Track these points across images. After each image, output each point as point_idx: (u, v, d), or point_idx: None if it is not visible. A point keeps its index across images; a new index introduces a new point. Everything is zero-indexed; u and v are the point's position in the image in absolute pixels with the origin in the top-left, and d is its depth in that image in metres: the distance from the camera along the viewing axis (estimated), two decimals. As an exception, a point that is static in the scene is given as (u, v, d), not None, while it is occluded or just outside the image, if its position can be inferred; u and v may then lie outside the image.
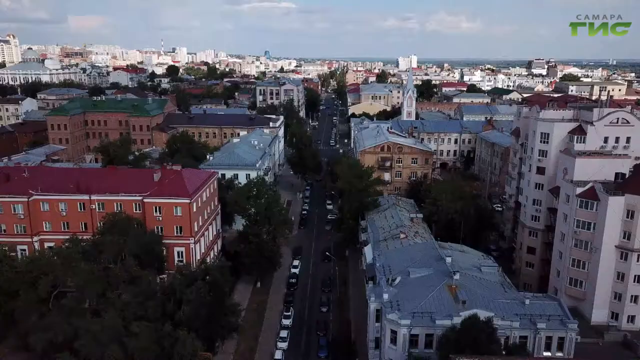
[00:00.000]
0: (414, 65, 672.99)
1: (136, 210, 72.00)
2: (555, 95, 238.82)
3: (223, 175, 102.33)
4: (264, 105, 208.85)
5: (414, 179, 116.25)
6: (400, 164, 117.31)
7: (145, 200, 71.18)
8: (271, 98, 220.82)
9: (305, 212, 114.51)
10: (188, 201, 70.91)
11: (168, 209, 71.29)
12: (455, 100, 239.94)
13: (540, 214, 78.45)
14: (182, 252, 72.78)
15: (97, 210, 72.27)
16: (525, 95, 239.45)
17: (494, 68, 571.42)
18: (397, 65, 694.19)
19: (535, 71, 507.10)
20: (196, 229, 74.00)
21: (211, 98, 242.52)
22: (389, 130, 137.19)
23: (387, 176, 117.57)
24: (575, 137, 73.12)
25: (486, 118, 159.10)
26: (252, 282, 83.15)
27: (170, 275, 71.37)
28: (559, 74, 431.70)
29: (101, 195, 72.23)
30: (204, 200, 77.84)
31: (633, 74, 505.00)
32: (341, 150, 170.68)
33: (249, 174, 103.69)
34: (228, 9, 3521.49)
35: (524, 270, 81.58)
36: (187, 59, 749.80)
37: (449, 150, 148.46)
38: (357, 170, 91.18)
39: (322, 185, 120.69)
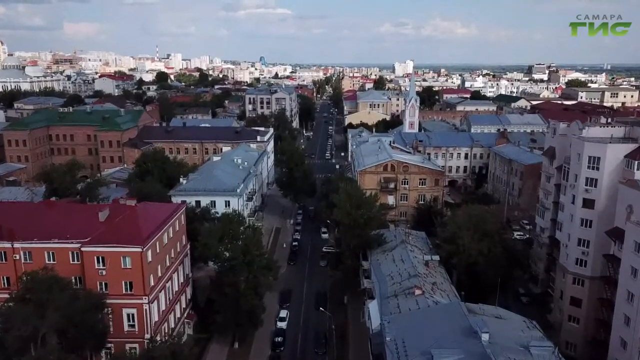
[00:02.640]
0: (410, 70, 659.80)
1: (73, 260, 55.58)
2: (567, 102, 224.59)
3: (198, 202, 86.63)
4: (254, 115, 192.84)
5: (423, 202, 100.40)
6: (406, 186, 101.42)
7: (83, 248, 54.76)
8: (262, 107, 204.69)
9: (296, 243, 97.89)
10: (140, 249, 54.49)
11: (114, 259, 54.85)
12: (459, 108, 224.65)
13: (589, 257, 62.44)
14: (133, 315, 56.29)
15: (22, 261, 55.68)
16: (533, 102, 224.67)
17: (492, 73, 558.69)
18: (394, 71, 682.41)
19: (535, 76, 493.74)
20: (153, 283, 57.62)
21: (198, 107, 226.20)
22: (392, 145, 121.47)
23: (390, 199, 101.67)
24: (637, 162, 57.43)
25: (499, 130, 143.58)
26: (229, 341, 66.89)
27: (117, 344, 55.58)
28: (562, 79, 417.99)
29: (28, 242, 55.67)
30: (165, 244, 61.49)
31: (633, 79, 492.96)
32: (337, 166, 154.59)
33: (229, 201, 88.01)
34: (224, 15, 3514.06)
35: (567, 325, 65.48)
36: (181, 65, 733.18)
37: (459, 167, 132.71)
38: (358, 199, 75.08)
39: (316, 210, 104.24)
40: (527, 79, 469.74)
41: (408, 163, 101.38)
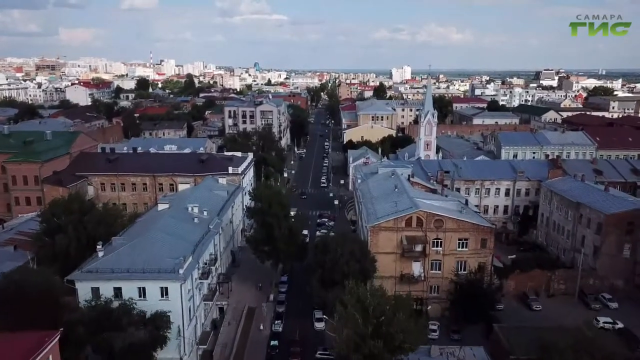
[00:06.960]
0: (408, 76, 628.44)
1: None
2: (600, 114, 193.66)
3: (118, 290, 54.57)
4: (234, 132, 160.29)
5: (464, 273, 68.24)
6: (439, 249, 69.21)
7: None
8: (244, 122, 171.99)
9: (275, 342, 64.31)
10: None
11: None
12: (476, 121, 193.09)
13: None
14: None
15: None
16: (564, 114, 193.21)
17: (489, 79, 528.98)
18: (391, 77, 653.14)
19: (544, 82, 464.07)
20: None
21: (172, 121, 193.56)
22: (411, 179, 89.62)
23: (416, 269, 69.77)
24: None
25: (547, 156, 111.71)
26: None
27: None
28: (575, 86, 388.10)
29: None
30: None
31: (638, 84, 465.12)
32: (336, 202, 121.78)
33: (166, 288, 55.52)
34: (220, 21, 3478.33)
35: None
36: (173, 71, 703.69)
37: (497, 206, 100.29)
38: (376, 311, 42.76)
39: (308, 287, 70.86)
40: (535, 85, 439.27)
41: (442, 216, 68.93)
